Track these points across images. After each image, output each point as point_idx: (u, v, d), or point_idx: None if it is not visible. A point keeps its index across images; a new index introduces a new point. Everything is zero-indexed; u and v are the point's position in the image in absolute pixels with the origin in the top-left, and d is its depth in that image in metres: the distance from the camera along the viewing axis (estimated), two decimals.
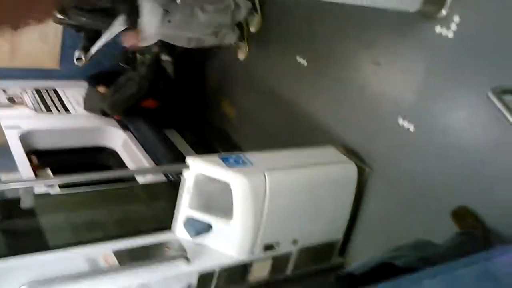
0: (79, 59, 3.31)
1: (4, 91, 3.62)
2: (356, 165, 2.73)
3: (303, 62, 3.19)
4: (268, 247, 2.51)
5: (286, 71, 3.36)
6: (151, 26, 3.07)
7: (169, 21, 3.07)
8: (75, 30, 3.40)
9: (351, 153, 2.81)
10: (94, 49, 3.22)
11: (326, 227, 2.70)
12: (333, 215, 2.70)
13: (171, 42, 3.33)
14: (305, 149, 2.77)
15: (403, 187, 2.60)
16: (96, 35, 3.20)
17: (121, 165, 3.45)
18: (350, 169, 2.72)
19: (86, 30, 3.32)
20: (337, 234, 2.77)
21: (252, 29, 3.50)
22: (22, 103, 3.59)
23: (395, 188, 2.65)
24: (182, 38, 3.26)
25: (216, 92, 4.01)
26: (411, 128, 2.54)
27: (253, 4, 3.39)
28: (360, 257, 2.71)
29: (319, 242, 2.70)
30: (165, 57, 3.72)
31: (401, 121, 2.59)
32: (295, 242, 2.60)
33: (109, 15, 3.02)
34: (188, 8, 3.17)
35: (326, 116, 3.04)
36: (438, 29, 2.37)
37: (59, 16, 3.07)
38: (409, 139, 2.55)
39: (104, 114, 3.62)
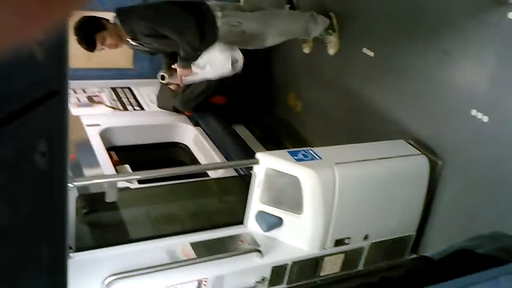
0: (163, 77, 3.49)
1: (83, 90, 3.85)
2: (428, 158, 2.67)
3: (370, 53, 3.15)
4: (339, 242, 2.53)
5: (352, 63, 3.33)
6: (226, 41, 3.22)
7: (243, 32, 3.15)
8: (149, 54, 3.57)
9: (422, 145, 2.76)
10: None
11: (398, 222, 2.67)
12: (405, 210, 2.67)
13: (247, 48, 3.40)
14: (374, 143, 2.75)
15: (477, 179, 2.52)
16: (174, 53, 3.33)
17: (193, 159, 3.58)
18: (421, 162, 2.67)
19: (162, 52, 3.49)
20: (410, 230, 2.73)
21: (331, 51, 3.40)
22: (100, 102, 3.80)
23: (469, 181, 2.58)
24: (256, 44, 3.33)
25: (282, 86, 4.05)
26: (485, 119, 2.45)
27: (331, 22, 3.33)
28: None
29: (391, 237, 2.69)
30: None
31: (474, 112, 2.51)
32: (366, 237, 2.60)
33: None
34: (262, 18, 3.22)
35: (394, 108, 2.99)
36: (511, 15, 2.28)
37: (132, 42, 3.25)
38: (482, 130, 2.47)
39: (176, 110, 3.76)
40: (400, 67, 2.95)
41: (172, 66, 3.39)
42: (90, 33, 3.08)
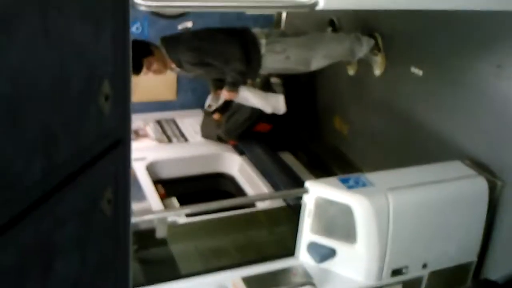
0: (210, 106, 3.55)
1: None
2: (486, 179, 2.55)
3: (418, 72, 3.07)
4: (397, 272, 2.42)
5: (399, 83, 3.25)
6: (271, 67, 3.22)
7: (287, 57, 3.14)
8: (193, 78, 3.61)
9: (479, 166, 2.63)
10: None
11: (458, 248, 2.54)
12: (465, 235, 2.54)
13: (293, 73, 3.39)
14: (428, 165, 2.64)
15: None
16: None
17: (239, 189, 3.55)
18: (480, 184, 2.54)
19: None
20: (471, 256, 2.59)
21: (377, 71, 3.35)
22: (145, 135, 3.84)
23: None
24: (301, 69, 3.31)
25: (326, 110, 3.99)
26: None
27: (376, 43, 3.29)
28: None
29: (452, 265, 2.55)
30: (274, 80, 3.79)
31: None
32: (425, 265, 2.48)
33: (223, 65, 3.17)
34: (305, 43, 3.21)
35: (447, 127, 2.88)
36: None
37: (177, 68, 3.30)
38: None
39: (220, 140, 3.76)
40: (452, 85, 2.85)
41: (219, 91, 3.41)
42: (138, 56, 3.13)
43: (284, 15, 4.28)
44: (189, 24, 3.87)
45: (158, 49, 3.18)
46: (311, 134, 4.06)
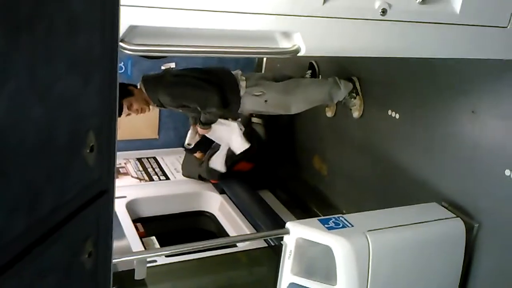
0: (189, 144, 3.60)
1: None
2: (463, 221, 2.59)
3: (395, 115, 3.14)
4: None
5: (377, 125, 3.32)
6: (249, 109, 3.29)
7: (266, 101, 3.20)
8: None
9: (456, 207, 2.68)
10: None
11: None
12: (444, 276, 2.56)
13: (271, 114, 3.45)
14: (406, 207, 2.68)
15: None
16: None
17: (219, 228, 3.54)
18: (457, 226, 2.58)
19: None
20: None
21: (355, 114, 3.41)
22: (126, 173, 3.82)
23: (507, 243, 2.48)
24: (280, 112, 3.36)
25: (306, 149, 4.04)
26: None
27: (354, 86, 3.37)
28: None
29: None
30: (256, 120, 3.84)
31: (508, 172, 2.45)
32: None
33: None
34: (285, 88, 3.27)
35: (424, 170, 2.94)
36: None
37: (157, 108, 3.36)
38: None
39: (201, 179, 3.76)
40: (427, 128, 2.92)
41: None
42: (118, 99, 3.13)
43: (264, 59, 4.37)
44: (172, 65, 3.92)
45: (138, 89, 3.22)
46: (291, 173, 4.09)
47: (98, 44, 0.59)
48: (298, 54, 1.71)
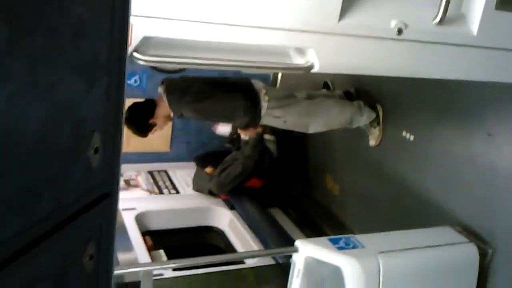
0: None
1: (121, 174, 3.90)
2: (477, 246, 2.54)
3: (409, 136, 3.11)
4: None
5: (391, 146, 3.29)
6: (266, 124, 3.28)
7: (285, 121, 3.18)
8: None
9: (470, 232, 2.63)
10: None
11: None
12: None
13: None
14: (419, 230, 2.63)
15: None
16: None
17: (228, 244, 3.51)
18: (470, 251, 2.53)
19: None
20: None
21: (372, 142, 3.37)
22: (137, 185, 3.83)
23: None
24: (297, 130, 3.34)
25: (318, 168, 4.01)
26: None
27: (377, 116, 3.31)
28: None
29: None
30: (268, 136, 3.82)
31: None
32: None
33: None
34: (307, 110, 3.23)
35: (438, 193, 2.89)
36: None
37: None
38: None
39: (212, 194, 3.74)
40: (442, 150, 2.89)
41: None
42: (145, 119, 3.14)
43: (279, 75, 4.38)
44: None
45: (160, 100, 3.20)
46: (302, 192, 4.06)
47: (105, 50, 0.60)
48: (312, 71, 1.71)
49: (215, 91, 3.12)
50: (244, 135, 3.38)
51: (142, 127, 3.16)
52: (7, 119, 0.47)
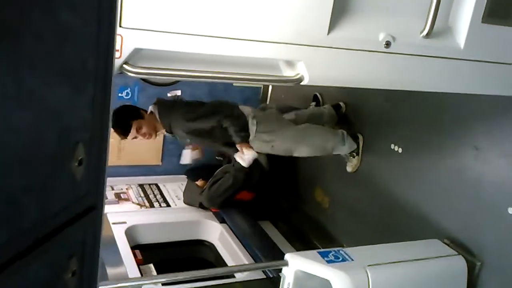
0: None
1: (111, 187, 3.87)
2: (465, 259, 2.54)
3: (398, 149, 3.13)
4: None
5: (380, 159, 3.31)
6: (254, 148, 3.30)
7: (272, 146, 3.21)
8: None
9: (458, 245, 2.64)
10: None
11: None
12: None
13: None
14: (407, 243, 2.64)
15: None
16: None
17: (218, 258, 3.49)
18: (458, 263, 2.53)
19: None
20: None
21: (349, 169, 3.45)
22: (127, 198, 3.80)
23: (510, 282, 2.42)
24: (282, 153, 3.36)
25: (308, 181, 4.01)
26: None
27: (358, 146, 3.38)
28: None
29: None
30: None
31: (511, 210, 2.42)
32: None
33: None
34: (294, 138, 3.27)
35: (426, 205, 2.90)
36: None
37: (166, 134, 3.37)
38: None
39: (202, 207, 3.73)
40: (430, 163, 2.90)
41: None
42: (127, 119, 3.16)
43: (270, 87, 4.40)
44: (178, 92, 3.96)
45: (150, 113, 3.23)
46: (292, 205, 4.05)
47: (91, 57, 0.59)
48: (302, 83, 1.72)
49: (206, 112, 3.18)
50: (241, 158, 3.35)
51: (123, 125, 3.16)
52: None
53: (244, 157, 3.31)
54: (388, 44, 1.75)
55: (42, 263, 0.58)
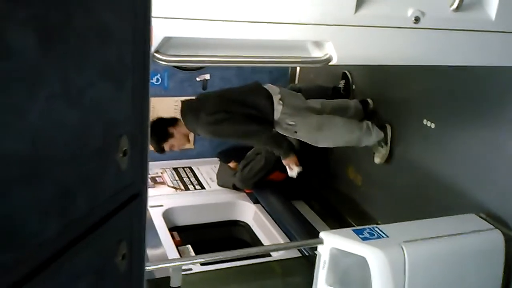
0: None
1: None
2: (502, 232, 2.52)
3: (431, 124, 3.09)
4: None
5: (412, 135, 3.27)
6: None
7: (295, 132, 3.20)
8: None
9: (495, 219, 2.61)
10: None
11: None
12: None
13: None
14: (443, 218, 2.62)
15: None
16: None
17: (253, 238, 3.55)
18: (495, 237, 2.51)
19: None
20: None
21: (377, 160, 3.41)
22: (163, 182, 3.90)
23: None
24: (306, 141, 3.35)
25: (340, 159, 4.01)
26: None
27: (385, 136, 3.33)
28: None
29: None
30: None
31: None
32: None
33: None
34: (318, 126, 3.25)
35: (462, 180, 2.87)
36: None
37: None
38: None
39: (236, 188, 3.79)
40: (465, 138, 2.87)
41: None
42: (159, 142, 3.20)
43: (298, 68, 4.39)
44: (207, 76, 4.00)
45: (178, 122, 3.23)
46: (324, 184, 4.07)
47: (129, 52, 0.62)
48: (330, 63, 1.72)
49: (232, 111, 3.10)
50: (290, 163, 3.32)
51: (157, 147, 3.20)
52: (44, 125, 0.49)
53: (292, 173, 3.34)
54: (417, 20, 1.73)
55: (93, 249, 0.62)
